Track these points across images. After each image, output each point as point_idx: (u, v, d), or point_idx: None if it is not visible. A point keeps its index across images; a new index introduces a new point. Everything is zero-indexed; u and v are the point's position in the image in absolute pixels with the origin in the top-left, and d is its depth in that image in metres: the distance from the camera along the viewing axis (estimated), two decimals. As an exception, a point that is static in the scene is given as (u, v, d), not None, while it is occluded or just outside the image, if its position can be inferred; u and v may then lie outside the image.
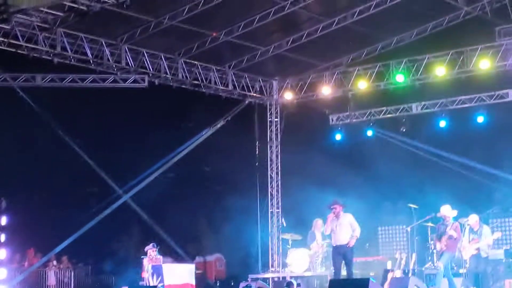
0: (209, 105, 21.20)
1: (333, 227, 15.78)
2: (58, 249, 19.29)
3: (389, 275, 17.40)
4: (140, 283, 18.25)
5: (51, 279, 19.71)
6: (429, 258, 17.87)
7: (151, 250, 18.39)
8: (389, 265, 18.21)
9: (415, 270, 17.35)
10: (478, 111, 19.95)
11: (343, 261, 15.88)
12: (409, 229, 18.04)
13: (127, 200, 20.18)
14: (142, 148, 20.49)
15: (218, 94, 20.74)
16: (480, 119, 19.89)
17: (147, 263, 18.27)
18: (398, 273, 17.59)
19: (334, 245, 15.96)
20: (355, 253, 16.49)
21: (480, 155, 20.21)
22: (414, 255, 17.63)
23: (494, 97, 19.85)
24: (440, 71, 18.87)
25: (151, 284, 17.56)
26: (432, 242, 17.37)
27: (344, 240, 15.70)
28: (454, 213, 15.79)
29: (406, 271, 17.39)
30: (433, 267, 17.22)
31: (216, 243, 25.17)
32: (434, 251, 17.19)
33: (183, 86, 19.87)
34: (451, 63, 18.90)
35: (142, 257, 18.67)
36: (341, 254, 15.76)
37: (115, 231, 23.22)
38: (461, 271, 16.51)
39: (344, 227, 15.71)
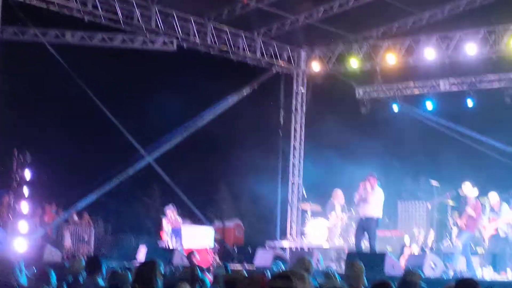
0: (235, 72, 21.20)
1: (363, 199, 15.87)
2: (79, 205, 19.50)
3: (406, 250, 17.45)
4: (159, 242, 18.43)
5: (67, 241, 19.91)
6: (448, 235, 17.86)
7: (170, 211, 18.53)
8: (406, 241, 18.25)
9: (433, 247, 17.37)
10: (507, 91, 19.75)
11: (366, 234, 16.00)
12: (429, 205, 18.04)
13: (150, 162, 20.32)
14: (167, 112, 20.55)
15: (246, 62, 20.72)
16: (508, 100, 19.70)
17: (166, 224, 18.42)
18: (415, 249, 17.63)
19: (360, 217, 16.10)
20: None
21: (506, 136, 20.07)
22: (432, 232, 17.64)
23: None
24: (471, 49, 18.68)
25: (170, 246, 17.71)
26: (452, 220, 17.36)
27: (371, 213, 15.82)
28: (475, 191, 15.75)
29: (424, 247, 17.42)
30: (451, 245, 17.21)
31: (236, 209, 25.35)
32: (453, 228, 17.19)
33: (211, 52, 19.87)
34: (482, 41, 18.69)
35: (161, 217, 18.84)
36: (365, 226, 15.88)
37: (136, 191, 23.45)
38: (479, 250, 16.49)
39: (373, 201, 15.83)
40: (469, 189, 15.71)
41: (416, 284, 8.53)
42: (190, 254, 15.51)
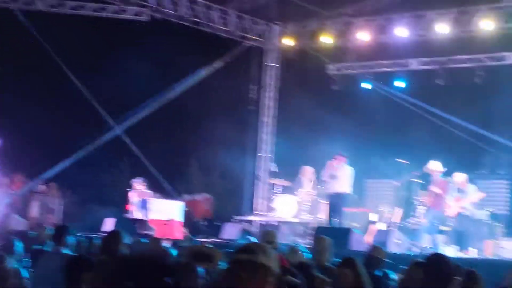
0: (208, 45, 21.09)
1: (332, 175, 16.03)
2: (47, 175, 19.38)
3: (373, 227, 17.58)
4: (126, 215, 18.39)
5: (34, 211, 19.72)
6: (414, 213, 18.00)
7: (139, 184, 18.47)
8: (373, 218, 18.39)
9: (399, 225, 17.51)
10: (476, 71, 19.87)
11: (335, 210, 16.19)
12: (397, 183, 18.16)
13: (119, 133, 20.23)
14: (137, 83, 20.41)
15: (218, 34, 20.61)
16: (478, 80, 19.82)
17: (133, 196, 18.37)
18: (381, 226, 17.77)
19: (330, 193, 16.28)
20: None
21: (474, 116, 20.24)
22: (399, 210, 17.78)
23: (494, 59, 19.77)
24: (443, 28, 18.75)
25: (137, 217, 17.69)
26: (418, 198, 17.50)
27: (340, 189, 15.98)
28: (441, 169, 15.88)
29: (390, 224, 17.56)
30: (417, 222, 17.36)
31: (205, 183, 25.30)
32: (419, 207, 17.33)
33: (184, 23, 19.73)
34: (454, 21, 18.76)
35: (129, 188, 18.79)
36: (334, 202, 16.06)
37: (105, 163, 23.31)
38: (444, 228, 16.66)
39: (342, 177, 15.98)
40: (435, 167, 15.84)
41: (381, 260, 8.63)
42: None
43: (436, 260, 5.46)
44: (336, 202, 16.21)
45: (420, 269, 6.59)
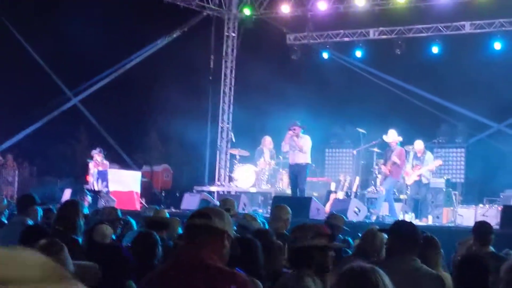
0: (166, 14, 20.88)
1: (291, 146, 16.08)
2: (3, 147, 19.13)
3: (332, 196, 17.69)
4: (85, 186, 18.26)
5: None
6: (372, 182, 18.17)
7: (97, 155, 18.33)
8: (332, 187, 18.49)
9: (358, 193, 17.65)
10: (433, 41, 20.01)
11: (297, 180, 16.26)
12: (355, 152, 18.29)
13: (77, 104, 20.02)
14: (95, 53, 20.16)
15: (176, 3, 20.41)
16: (435, 49, 19.97)
17: (92, 167, 18.24)
18: (340, 195, 17.89)
19: (290, 163, 16.34)
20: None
21: (431, 85, 20.41)
22: (357, 179, 17.91)
23: (451, 28, 19.92)
24: (400, -3, 18.83)
25: (96, 189, 17.58)
26: (377, 166, 17.64)
27: (300, 160, 16.04)
28: (399, 138, 16.01)
29: (349, 193, 17.69)
30: (375, 191, 17.52)
31: (164, 155, 25.22)
32: (378, 175, 17.48)
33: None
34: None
35: (88, 160, 18.64)
36: (295, 173, 16.12)
37: (62, 134, 23.07)
38: (402, 196, 16.84)
39: (302, 148, 16.04)
40: (393, 137, 15.97)
41: (339, 228, 8.69)
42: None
43: (404, 227, 5.52)
44: (297, 173, 16.28)
45: (378, 234, 6.67)
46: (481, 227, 7.78)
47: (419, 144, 16.56)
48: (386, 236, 5.72)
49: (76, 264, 5.05)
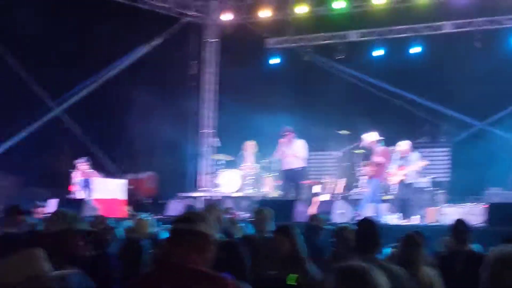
0: (146, 22, 20.84)
1: (284, 152, 16.17)
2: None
3: (316, 199, 17.73)
4: (69, 196, 18.19)
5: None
6: (357, 184, 18.22)
7: (82, 164, 18.27)
8: (317, 189, 18.53)
9: (342, 195, 17.70)
10: (414, 42, 20.08)
11: (292, 184, 16.38)
12: (339, 154, 18.33)
13: (59, 114, 19.94)
14: (76, 62, 20.09)
15: (155, 11, 20.40)
16: (415, 50, 20.04)
17: (76, 177, 18.18)
18: (325, 197, 17.93)
19: (284, 169, 16.42)
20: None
21: (414, 86, 20.49)
22: (342, 181, 17.96)
23: (431, 28, 20.00)
24: (379, -1, 18.91)
25: (80, 197, 17.52)
26: (361, 168, 17.69)
27: (294, 164, 16.11)
28: (378, 138, 16.04)
29: (334, 195, 17.73)
30: (360, 192, 17.56)
31: (149, 162, 25.11)
32: (362, 177, 17.52)
33: (121, 1, 19.47)
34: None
35: (71, 170, 18.57)
36: (290, 178, 16.21)
37: (46, 144, 22.93)
38: (388, 197, 16.87)
39: (295, 152, 16.11)
40: (371, 139, 16.02)
41: (320, 228, 8.71)
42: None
43: (365, 224, 5.61)
44: (292, 178, 16.38)
45: (349, 232, 6.74)
46: (459, 226, 7.79)
47: (404, 145, 16.53)
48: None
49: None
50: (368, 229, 5.51)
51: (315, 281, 5.57)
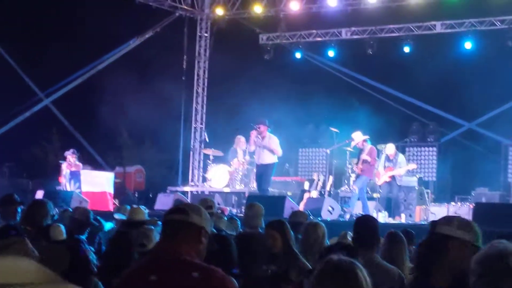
0: (139, 15, 20.82)
1: (257, 146, 16.13)
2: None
3: (306, 195, 17.76)
4: (57, 188, 18.15)
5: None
6: (346, 181, 18.28)
7: (71, 156, 18.24)
8: (306, 186, 18.56)
9: (331, 192, 17.74)
10: (405, 41, 20.12)
11: (262, 180, 16.32)
12: (328, 151, 18.37)
13: (48, 105, 19.90)
14: (67, 53, 20.05)
15: (148, 4, 20.36)
16: (406, 49, 20.09)
17: (65, 169, 18.14)
18: (314, 194, 17.97)
19: (256, 163, 16.40)
20: (275, 173, 17.02)
21: (403, 85, 20.56)
22: (331, 178, 18.00)
23: (422, 28, 20.05)
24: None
25: (68, 189, 17.49)
26: (350, 165, 17.76)
27: (266, 159, 16.09)
28: (366, 137, 16.11)
29: (322, 192, 17.77)
30: (348, 189, 17.62)
31: (138, 155, 25.10)
32: (351, 174, 17.59)
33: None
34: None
35: (60, 162, 18.53)
36: (261, 172, 16.19)
37: (35, 135, 22.90)
38: (375, 195, 16.93)
39: (268, 146, 16.08)
40: (359, 137, 16.10)
41: (302, 224, 8.71)
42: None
43: (366, 220, 5.64)
44: (262, 173, 16.38)
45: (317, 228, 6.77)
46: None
47: (391, 147, 16.57)
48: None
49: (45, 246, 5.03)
50: (367, 226, 5.53)
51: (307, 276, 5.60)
